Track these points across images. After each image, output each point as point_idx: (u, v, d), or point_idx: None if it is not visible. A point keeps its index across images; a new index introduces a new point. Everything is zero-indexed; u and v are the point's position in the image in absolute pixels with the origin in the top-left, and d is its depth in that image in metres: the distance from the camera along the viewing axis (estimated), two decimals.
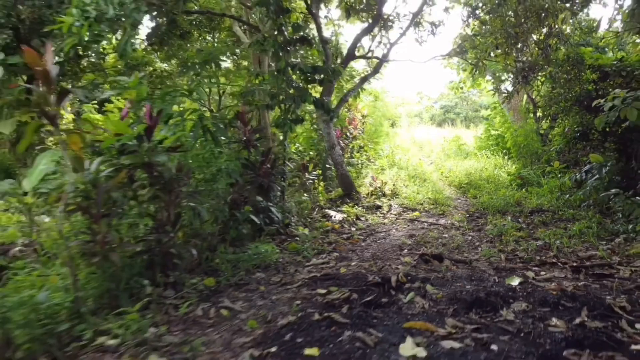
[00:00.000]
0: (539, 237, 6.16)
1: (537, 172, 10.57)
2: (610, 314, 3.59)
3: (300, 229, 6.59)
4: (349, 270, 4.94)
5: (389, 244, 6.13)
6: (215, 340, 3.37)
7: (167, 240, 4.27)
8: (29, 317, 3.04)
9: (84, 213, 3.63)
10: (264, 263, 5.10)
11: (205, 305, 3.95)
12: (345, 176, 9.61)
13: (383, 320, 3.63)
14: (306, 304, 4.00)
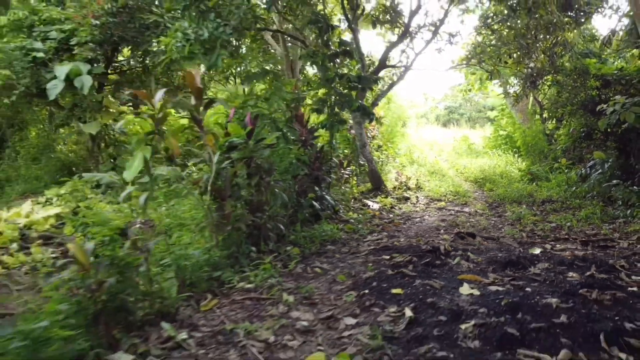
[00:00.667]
0: (551, 221, 7.35)
1: (545, 168, 11.76)
2: (612, 270, 4.77)
3: (350, 214, 7.79)
4: (401, 243, 6.13)
5: (426, 226, 7.32)
6: (319, 287, 4.56)
7: (263, 218, 5.44)
8: (194, 266, 4.22)
9: (216, 194, 4.79)
10: (330, 239, 6.28)
11: (301, 266, 5.15)
12: (375, 172, 10.79)
13: (440, 274, 4.82)
14: (377, 265, 5.18)
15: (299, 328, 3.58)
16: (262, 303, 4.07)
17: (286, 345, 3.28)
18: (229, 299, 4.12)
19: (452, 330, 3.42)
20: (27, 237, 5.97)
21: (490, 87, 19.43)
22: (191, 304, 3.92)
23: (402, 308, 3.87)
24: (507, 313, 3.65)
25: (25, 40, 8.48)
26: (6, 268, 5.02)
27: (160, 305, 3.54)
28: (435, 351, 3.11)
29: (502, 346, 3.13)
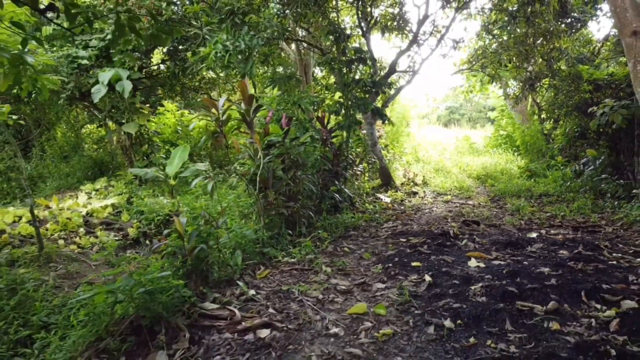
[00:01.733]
0: (547, 211, 8.20)
1: (543, 166, 12.62)
2: (596, 248, 5.63)
3: (366, 205, 8.65)
4: (415, 229, 7.00)
5: (435, 216, 8.18)
6: (350, 262, 5.42)
7: (296, 206, 6.30)
8: (247, 243, 5.08)
9: (262, 184, 5.65)
10: (352, 225, 7.15)
11: (332, 246, 6.01)
12: (385, 169, 11.65)
13: (451, 252, 5.69)
14: (396, 245, 6.05)
15: (339, 290, 4.44)
16: (305, 273, 4.93)
17: (333, 301, 4.14)
18: (278, 269, 4.98)
19: (464, 290, 4.29)
20: (89, 223, 6.83)
21: (490, 89, 20.29)
22: (249, 272, 4.78)
23: (421, 276, 4.74)
24: (508, 278, 4.52)
25: (70, 48, 9.33)
26: (81, 248, 5.88)
27: (229, 271, 4.40)
28: (452, 304, 3.97)
29: (504, 300, 3.99)
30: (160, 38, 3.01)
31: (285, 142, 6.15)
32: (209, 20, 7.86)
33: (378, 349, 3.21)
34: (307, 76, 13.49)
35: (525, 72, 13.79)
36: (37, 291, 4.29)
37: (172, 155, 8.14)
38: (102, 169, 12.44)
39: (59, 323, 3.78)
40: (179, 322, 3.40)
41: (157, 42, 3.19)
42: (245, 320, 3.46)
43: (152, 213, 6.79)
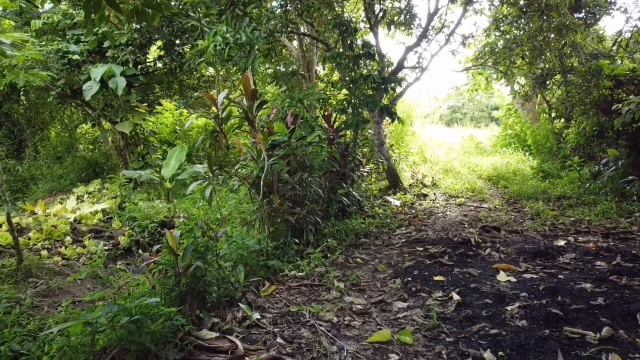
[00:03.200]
0: (570, 215, 7.65)
1: (556, 166, 12.07)
2: (636, 259, 5.08)
3: (375, 209, 8.10)
4: (431, 236, 6.45)
5: (450, 221, 7.63)
6: (364, 275, 4.87)
7: (303, 212, 5.76)
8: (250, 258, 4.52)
9: (266, 188, 5.11)
10: (362, 232, 6.61)
11: (342, 256, 5.46)
12: (392, 169, 11.11)
13: (475, 264, 5.14)
14: (414, 255, 5.50)
15: (355, 311, 3.89)
16: (315, 289, 4.39)
17: (349, 325, 3.60)
18: (285, 285, 4.44)
19: (499, 311, 3.74)
20: (77, 231, 6.28)
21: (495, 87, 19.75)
22: (252, 289, 4.23)
23: (447, 293, 4.20)
24: (547, 297, 3.97)
25: (60, 43, 8.78)
26: (66, 259, 5.33)
27: (230, 289, 3.85)
28: (488, 329, 3.43)
29: (548, 324, 3.44)
30: (147, 15, 2.48)
31: (291, 142, 5.60)
32: (208, 11, 7.31)
33: None
34: (310, 73, 12.94)
35: (538, 68, 13.26)
36: (10, 313, 3.74)
37: (169, 156, 7.52)
38: (97, 170, 11.91)
39: (32, 353, 3.25)
40: (170, 356, 2.85)
41: (142, 20, 2.66)
42: (249, 354, 2.91)
43: (146, 219, 6.24)
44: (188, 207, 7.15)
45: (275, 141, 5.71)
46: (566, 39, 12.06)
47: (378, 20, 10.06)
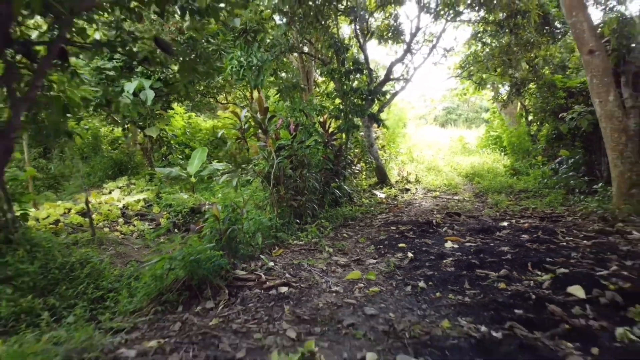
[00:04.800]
0: (522, 205, 9.34)
1: (526, 165, 13.76)
2: (553, 233, 6.76)
3: (363, 200, 9.79)
4: (404, 220, 8.14)
5: (424, 209, 9.32)
6: (348, 244, 6.56)
7: (303, 200, 7.44)
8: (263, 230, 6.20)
9: (275, 180, 6.78)
10: (350, 217, 8.28)
11: (332, 233, 7.15)
12: (381, 168, 12.80)
13: (432, 237, 6.83)
14: (387, 232, 7.19)
15: (339, 264, 5.58)
16: (311, 252, 6.08)
17: (334, 271, 5.28)
18: (289, 249, 6.13)
19: (437, 263, 5.43)
20: (126, 215, 7.97)
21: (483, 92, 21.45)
22: (266, 251, 5.92)
23: (405, 253, 5.89)
24: (474, 255, 5.66)
25: (98, 60, 10.47)
26: (123, 234, 7.02)
27: (251, 249, 5.54)
28: (426, 272, 5.11)
29: (467, 269, 5.12)
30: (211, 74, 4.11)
31: (293, 145, 7.29)
32: (225, 37, 8.99)
33: (368, 300, 4.35)
34: (309, 83, 14.62)
35: (512, 78, 14.95)
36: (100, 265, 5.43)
37: (192, 157, 9.30)
38: (121, 168, 13.58)
39: (122, 287, 4.93)
40: (219, 282, 4.54)
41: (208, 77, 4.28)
42: (269, 281, 4.60)
43: (179, 206, 7.93)
44: (209, 197, 8.83)
45: (281, 144, 7.40)
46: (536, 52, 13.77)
47: (366, 39, 11.74)
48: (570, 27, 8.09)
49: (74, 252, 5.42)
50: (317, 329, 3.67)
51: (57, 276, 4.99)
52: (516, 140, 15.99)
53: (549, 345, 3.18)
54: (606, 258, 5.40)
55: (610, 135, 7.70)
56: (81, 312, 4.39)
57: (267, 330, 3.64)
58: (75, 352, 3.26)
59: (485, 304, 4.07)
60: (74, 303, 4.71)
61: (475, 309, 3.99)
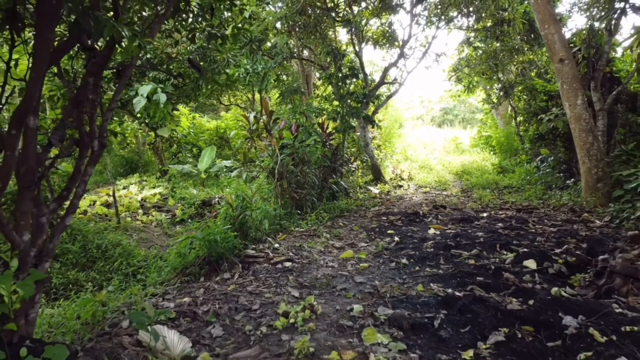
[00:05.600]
0: (503, 199, 10.22)
1: (512, 163, 14.65)
2: (525, 222, 7.64)
3: (358, 195, 10.67)
4: (395, 211, 9.02)
5: (414, 202, 10.20)
6: (343, 231, 7.43)
7: (303, 193, 8.31)
8: (269, 218, 7.07)
9: (279, 175, 7.65)
10: (346, 209, 9.16)
11: (330, 222, 8.03)
12: (376, 166, 13.67)
13: (418, 225, 7.71)
14: (379, 222, 8.07)
15: (335, 246, 6.46)
16: (311, 237, 6.95)
17: (330, 252, 6.16)
18: (292, 235, 7.01)
19: (419, 245, 6.31)
20: (144, 207, 8.84)
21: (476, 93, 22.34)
22: (272, 236, 6.80)
23: (393, 238, 6.76)
24: (452, 238, 6.54)
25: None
26: (144, 223, 7.90)
27: (259, 234, 6.42)
28: (409, 252, 5.99)
29: (444, 249, 6.00)
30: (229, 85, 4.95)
31: (295, 144, 8.16)
32: (232, 46, 9.86)
33: (358, 273, 5.23)
34: (309, 86, 15.48)
35: (499, 81, 15.85)
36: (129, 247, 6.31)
37: (202, 154, 10.18)
38: (132, 166, 14.46)
39: (150, 264, 5.81)
40: (234, 259, 5.41)
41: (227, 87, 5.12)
42: (275, 257, 5.48)
43: (193, 199, 8.81)
44: (218, 191, 9.71)
45: (284, 144, 8.27)
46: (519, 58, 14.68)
47: (362, 47, 12.62)
48: (543, 38, 8.97)
49: (106, 236, 6.30)
50: (315, 291, 4.55)
51: (94, 255, 5.87)
52: (505, 140, 16.88)
53: (497, 299, 4.06)
54: (565, 241, 6.29)
55: (579, 135, 8.58)
56: (118, 283, 5.27)
57: (276, 292, 4.52)
58: (123, 306, 4.13)
59: (454, 274, 4.95)
60: (110, 277, 5.60)
61: (445, 278, 4.87)
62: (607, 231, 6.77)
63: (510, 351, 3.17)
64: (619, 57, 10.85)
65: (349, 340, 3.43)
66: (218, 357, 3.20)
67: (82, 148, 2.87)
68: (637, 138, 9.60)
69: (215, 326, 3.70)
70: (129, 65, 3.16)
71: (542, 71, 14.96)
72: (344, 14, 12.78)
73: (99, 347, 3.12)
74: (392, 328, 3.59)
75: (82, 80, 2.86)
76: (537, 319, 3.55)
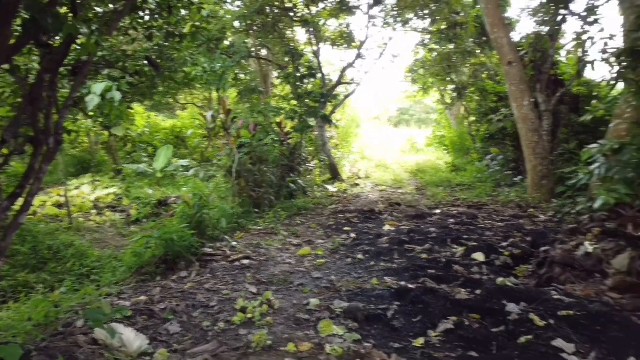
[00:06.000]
0: (455, 196, 10.59)
1: (465, 162, 15.16)
2: (475, 218, 7.96)
3: (316, 193, 10.79)
4: (351, 209, 9.19)
5: (370, 200, 10.42)
6: (301, 229, 7.53)
7: (261, 191, 8.35)
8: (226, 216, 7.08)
9: (237, 174, 7.66)
10: (303, 207, 9.26)
11: (287, 220, 8.11)
12: (333, 165, 13.84)
13: (374, 222, 7.91)
14: (336, 219, 8.22)
15: (293, 243, 6.55)
16: (269, 234, 7.02)
17: (288, 249, 6.25)
18: (250, 233, 7.05)
19: (375, 241, 6.48)
20: (97, 207, 8.65)
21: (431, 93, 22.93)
22: (229, 234, 6.81)
23: (349, 235, 6.92)
24: (406, 234, 6.75)
25: None
26: (97, 224, 7.74)
27: (217, 232, 6.43)
28: (365, 247, 6.15)
29: (398, 244, 6.19)
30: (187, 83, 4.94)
31: (252, 143, 8.20)
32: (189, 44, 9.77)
33: (315, 268, 5.33)
34: (266, 85, 15.49)
35: (452, 82, 16.35)
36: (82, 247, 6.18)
37: (158, 153, 10.04)
38: (84, 166, 14.03)
39: (104, 265, 5.73)
40: (191, 257, 5.41)
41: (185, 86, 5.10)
42: (233, 255, 5.52)
43: (148, 198, 8.69)
44: (174, 191, 9.61)
45: (242, 142, 8.29)
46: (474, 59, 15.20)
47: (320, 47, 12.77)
48: (493, 41, 9.37)
49: (58, 237, 6.15)
50: (273, 287, 4.62)
51: (45, 256, 5.73)
52: (457, 139, 17.42)
53: (447, 290, 4.25)
54: (512, 235, 6.62)
55: (525, 134, 9.01)
56: (71, 284, 5.16)
57: (233, 289, 4.57)
58: (77, 306, 4.08)
59: (407, 267, 5.14)
60: (62, 278, 5.47)
61: (399, 271, 5.05)
62: (550, 225, 7.17)
63: (458, 337, 3.36)
64: (563, 60, 11.43)
65: (306, 332, 3.53)
66: (175, 352, 3.23)
67: (37, 145, 2.84)
68: (578, 137, 10.16)
69: (173, 323, 3.71)
70: (86, 62, 3.14)
71: (492, 73, 15.54)
72: (302, 13, 12.87)
73: (53, 346, 3.09)
74: (347, 320, 3.71)
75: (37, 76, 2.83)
76: (483, 307, 3.76)
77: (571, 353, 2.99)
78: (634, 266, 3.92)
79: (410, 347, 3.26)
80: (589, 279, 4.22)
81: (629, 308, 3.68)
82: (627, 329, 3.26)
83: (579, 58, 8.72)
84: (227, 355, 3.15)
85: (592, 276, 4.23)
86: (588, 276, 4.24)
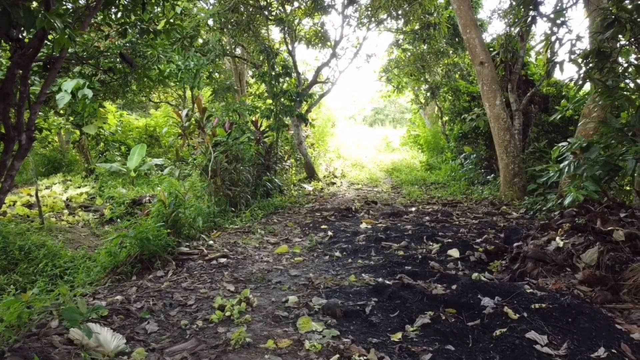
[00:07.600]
0: (430, 194, 10.73)
1: (439, 161, 15.37)
2: (450, 216, 8.09)
3: (292, 192, 10.79)
4: (328, 207, 9.23)
5: (346, 199, 10.47)
6: (278, 228, 7.52)
7: (237, 190, 8.31)
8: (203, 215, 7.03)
9: (213, 173, 7.61)
10: (280, 206, 9.25)
11: (264, 219, 8.09)
12: (309, 164, 13.86)
13: (351, 220, 7.95)
14: (313, 217, 8.23)
15: (270, 242, 6.54)
16: (246, 233, 6.99)
17: (265, 248, 6.24)
18: (226, 232, 7.01)
19: (352, 239, 6.53)
20: (70, 207, 8.46)
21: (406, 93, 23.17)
22: (206, 233, 6.76)
23: (326, 233, 6.95)
24: (383, 232, 6.82)
25: None
26: (70, 224, 7.57)
27: (193, 232, 6.37)
28: (342, 245, 6.19)
29: (374, 242, 6.25)
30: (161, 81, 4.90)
31: (228, 141, 8.15)
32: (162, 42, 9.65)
33: (293, 266, 5.35)
34: (241, 84, 15.41)
35: (426, 82, 16.56)
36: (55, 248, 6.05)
37: (132, 152, 9.88)
38: (55, 165, 13.72)
39: (78, 265, 5.62)
40: (167, 257, 5.36)
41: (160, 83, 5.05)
42: (210, 254, 5.49)
43: (122, 198, 8.54)
44: (149, 190, 9.48)
45: (218, 141, 8.23)
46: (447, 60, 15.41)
47: (295, 46, 12.76)
48: (465, 42, 9.53)
49: (29, 237, 6.00)
50: (251, 285, 4.62)
51: (16, 257, 5.59)
52: (432, 139, 17.65)
53: (424, 286, 4.32)
54: (486, 232, 6.76)
55: (498, 133, 9.20)
56: (43, 285, 5.05)
57: (211, 287, 4.54)
58: (51, 307, 3.99)
59: (385, 264, 5.20)
60: (35, 279, 5.35)
61: (376, 268, 5.10)
62: (523, 222, 7.34)
63: (434, 332, 3.41)
64: (533, 61, 11.70)
65: (285, 329, 3.54)
66: (154, 351, 3.20)
67: (8, 142, 2.78)
68: (548, 136, 10.43)
69: (150, 322, 3.67)
70: (59, 57, 3.09)
71: (465, 73, 15.82)
72: (277, 12, 12.84)
73: (27, 347, 3.03)
74: (326, 316, 3.74)
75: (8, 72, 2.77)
76: (459, 302, 3.83)
77: (544, 345, 3.07)
78: (602, 260, 4.06)
79: (389, 342, 3.30)
80: (560, 273, 4.34)
81: (598, 300, 3.81)
82: (597, 321, 3.36)
83: (548, 59, 8.92)
84: (206, 354, 3.14)
85: (563, 270, 4.35)
86: (559, 270, 4.36)
